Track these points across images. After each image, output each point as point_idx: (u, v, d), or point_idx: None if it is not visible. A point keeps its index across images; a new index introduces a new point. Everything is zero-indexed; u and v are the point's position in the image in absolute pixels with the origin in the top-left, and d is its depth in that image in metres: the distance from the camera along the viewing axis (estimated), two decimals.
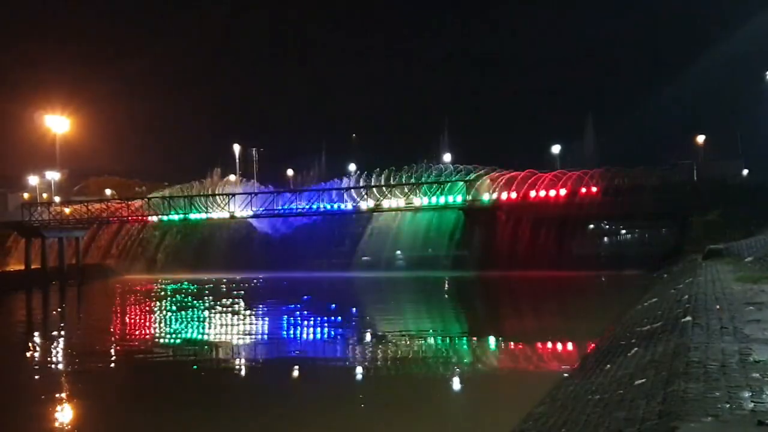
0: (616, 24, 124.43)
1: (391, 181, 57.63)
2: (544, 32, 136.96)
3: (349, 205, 55.46)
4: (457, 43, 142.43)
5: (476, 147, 79.92)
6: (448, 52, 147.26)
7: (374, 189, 55.68)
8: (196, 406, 13.77)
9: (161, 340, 24.56)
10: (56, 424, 13.00)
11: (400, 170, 59.03)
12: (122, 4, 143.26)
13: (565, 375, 12.67)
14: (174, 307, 33.65)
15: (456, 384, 15.84)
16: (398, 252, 58.73)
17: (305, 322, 26.93)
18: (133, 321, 30.63)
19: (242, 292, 40.08)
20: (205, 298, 35.55)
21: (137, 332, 27.22)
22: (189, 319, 28.95)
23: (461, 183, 51.26)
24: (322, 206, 55.82)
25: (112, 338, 24.70)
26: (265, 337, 24.45)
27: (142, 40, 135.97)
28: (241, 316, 28.80)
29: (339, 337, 23.35)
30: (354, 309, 30.68)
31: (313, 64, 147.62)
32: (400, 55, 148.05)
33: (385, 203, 53.69)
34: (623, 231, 72.38)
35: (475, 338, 22.57)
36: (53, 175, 69.77)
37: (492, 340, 21.85)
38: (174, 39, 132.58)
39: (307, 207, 56.17)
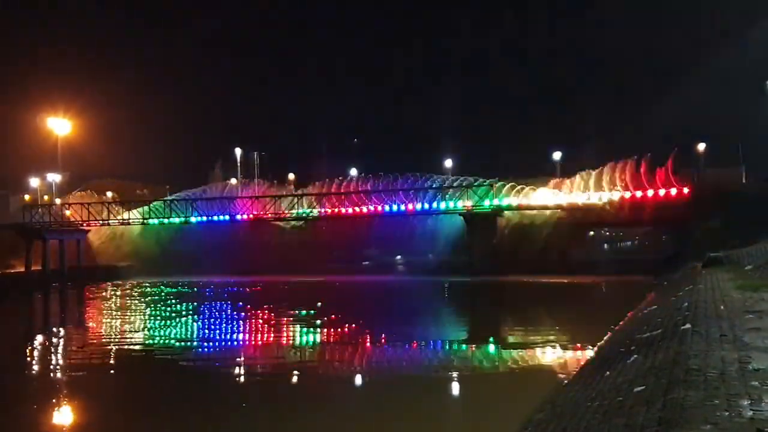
0: (617, 30, 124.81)
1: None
2: (545, 38, 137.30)
3: (349, 210, 55.65)
4: (458, 46, 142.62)
5: (476, 152, 79.96)
6: (449, 55, 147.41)
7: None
8: None
9: None
10: None
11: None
12: (125, 8, 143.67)
13: (565, 381, 12.67)
14: None
15: (455, 389, 15.83)
16: (398, 257, 58.80)
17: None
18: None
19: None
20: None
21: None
22: None
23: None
24: (324, 210, 56.06)
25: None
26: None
27: (145, 44, 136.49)
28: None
29: None
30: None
31: (315, 68, 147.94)
32: (402, 58, 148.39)
33: (386, 207, 53.83)
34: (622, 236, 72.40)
35: (474, 344, 22.58)
36: (54, 178, 69.82)
37: (491, 346, 21.86)
38: (177, 42, 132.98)
39: (309, 210, 56.37)
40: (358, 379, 17.18)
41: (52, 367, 20.32)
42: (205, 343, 24.33)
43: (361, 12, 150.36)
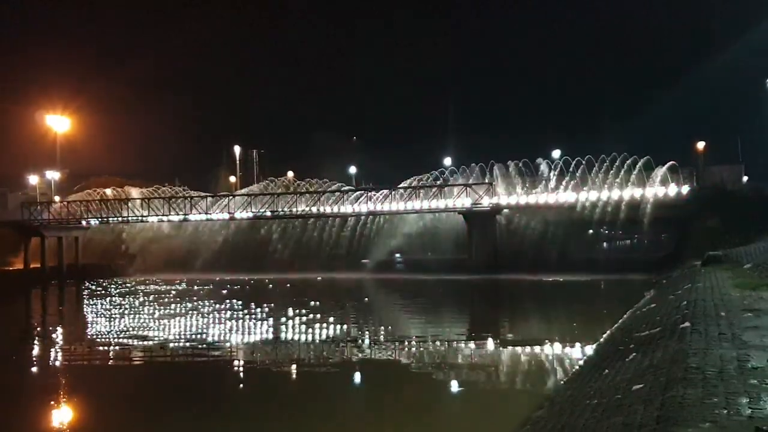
0: (617, 30, 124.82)
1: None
2: (545, 35, 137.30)
3: (349, 208, 55.50)
4: (459, 46, 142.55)
5: (475, 150, 79.70)
6: (449, 55, 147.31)
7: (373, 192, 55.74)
8: None
9: None
10: None
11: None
12: (123, 6, 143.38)
13: (564, 379, 12.68)
14: None
15: (453, 387, 15.81)
16: (397, 255, 58.68)
17: None
18: None
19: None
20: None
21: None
22: None
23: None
24: (321, 209, 55.93)
25: None
26: None
27: (144, 41, 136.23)
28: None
29: None
30: None
31: (313, 67, 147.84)
32: (401, 57, 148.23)
33: (385, 206, 53.69)
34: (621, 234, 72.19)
35: (472, 341, 22.56)
36: (53, 175, 69.64)
37: (489, 343, 21.84)
38: (175, 40, 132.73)
39: (307, 209, 56.23)
40: (357, 377, 17.16)
41: (48, 364, 20.30)
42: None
43: (360, 11, 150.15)
